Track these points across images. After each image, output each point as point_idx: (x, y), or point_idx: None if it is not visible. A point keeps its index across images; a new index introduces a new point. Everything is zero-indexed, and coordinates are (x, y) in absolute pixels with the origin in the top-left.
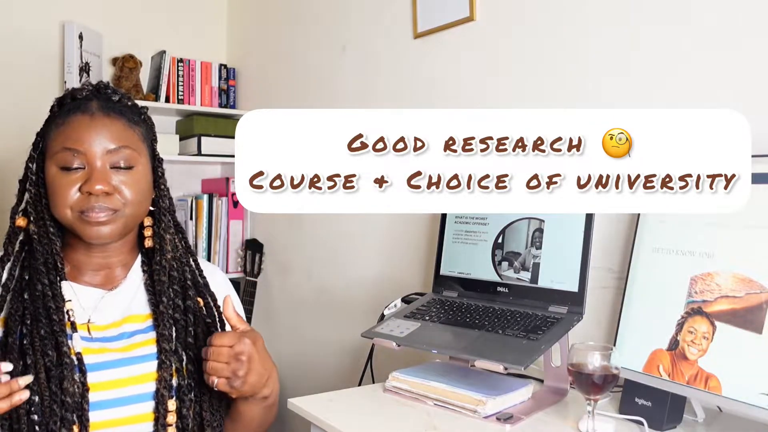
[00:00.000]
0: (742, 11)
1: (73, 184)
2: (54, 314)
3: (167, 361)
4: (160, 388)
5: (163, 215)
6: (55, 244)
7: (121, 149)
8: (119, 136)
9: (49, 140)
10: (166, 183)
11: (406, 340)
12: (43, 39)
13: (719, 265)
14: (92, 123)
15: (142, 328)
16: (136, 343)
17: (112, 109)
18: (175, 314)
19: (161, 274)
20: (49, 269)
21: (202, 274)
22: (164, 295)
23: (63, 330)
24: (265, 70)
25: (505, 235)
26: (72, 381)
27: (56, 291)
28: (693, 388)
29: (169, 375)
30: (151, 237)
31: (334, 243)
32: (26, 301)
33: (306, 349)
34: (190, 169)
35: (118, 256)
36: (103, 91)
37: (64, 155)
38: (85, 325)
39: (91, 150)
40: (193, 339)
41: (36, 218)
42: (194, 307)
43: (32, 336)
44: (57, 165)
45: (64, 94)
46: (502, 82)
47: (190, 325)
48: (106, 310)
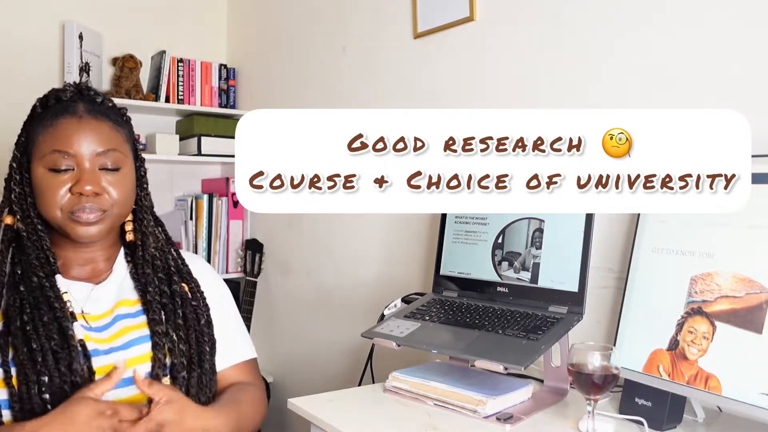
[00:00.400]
0: (742, 11)
1: (62, 185)
2: (55, 302)
3: (160, 342)
4: (155, 367)
5: (145, 213)
6: (45, 240)
7: (109, 152)
8: (107, 138)
9: (36, 141)
10: (147, 182)
11: (406, 340)
12: (43, 39)
13: (719, 265)
14: (81, 125)
15: (133, 312)
16: (128, 327)
17: (99, 112)
18: (162, 300)
19: (145, 267)
20: (42, 264)
21: (184, 263)
22: (150, 285)
23: (65, 316)
24: (265, 70)
25: (505, 235)
26: (80, 364)
27: (53, 282)
28: (693, 388)
29: (162, 355)
30: (132, 231)
31: (334, 243)
32: (23, 293)
33: (306, 349)
34: (190, 169)
35: (101, 251)
36: (86, 92)
37: (54, 157)
38: (80, 316)
39: (80, 152)
40: (183, 320)
41: (23, 216)
42: (180, 292)
43: (34, 322)
44: (46, 166)
45: (45, 94)
46: (502, 82)
47: (178, 308)
48: (98, 301)
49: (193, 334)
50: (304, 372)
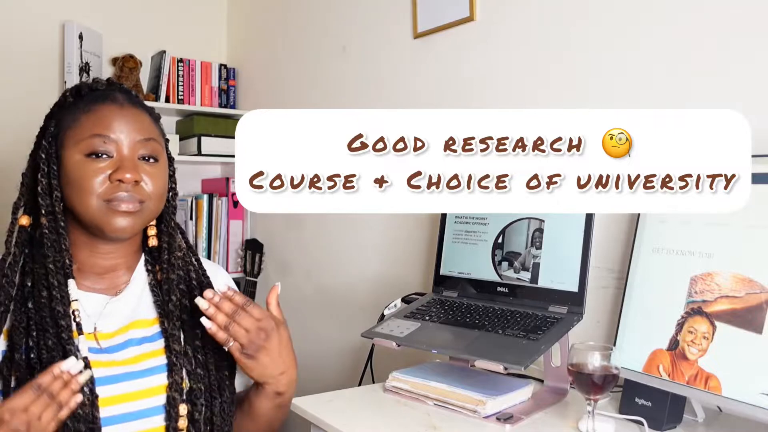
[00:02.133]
0: (742, 11)
1: (100, 172)
2: (61, 319)
3: (178, 363)
4: (171, 392)
5: (172, 214)
6: (65, 240)
7: (150, 141)
8: (147, 127)
9: (71, 128)
10: (176, 182)
11: (406, 340)
12: (43, 39)
13: (719, 265)
14: (122, 112)
15: (149, 335)
16: (144, 354)
17: (138, 103)
18: (182, 315)
19: (170, 272)
20: (57, 268)
21: (205, 274)
22: (173, 294)
23: (70, 337)
24: (265, 70)
25: (505, 235)
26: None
27: (63, 292)
28: (693, 388)
29: (180, 378)
30: (155, 236)
31: (334, 243)
32: (30, 311)
33: (306, 349)
34: (190, 169)
35: (123, 257)
36: (119, 85)
37: (93, 141)
38: (92, 335)
39: (121, 138)
40: (201, 341)
41: (47, 212)
42: None
43: (39, 348)
44: (82, 152)
45: (77, 85)
46: (502, 82)
47: (197, 327)
48: (111, 316)
49: (211, 358)
50: (303, 372)
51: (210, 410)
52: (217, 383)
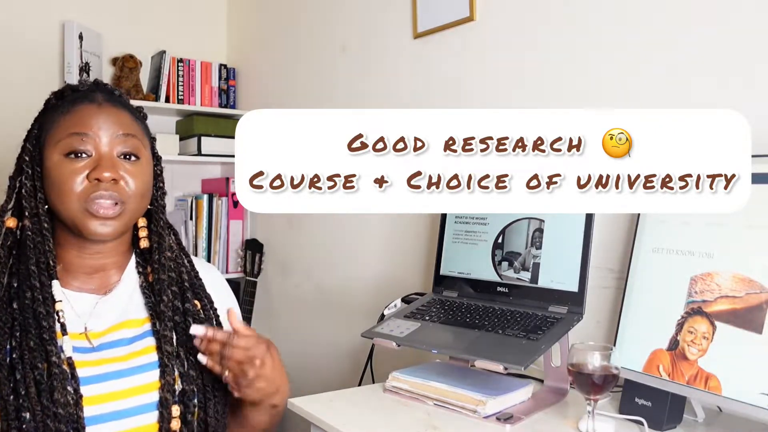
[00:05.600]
0: (741, 12)
1: (79, 172)
2: (44, 320)
3: (170, 364)
4: (163, 393)
5: (161, 213)
6: (49, 241)
7: (129, 137)
8: (127, 124)
9: (51, 129)
10: (163, 182)
11: (406, 340)
12: (43, 39)
13: (719, 265)
14: (100, 110)
15: (140, 333)
16: (135, 352)
17: (118, 102)
18: (174, 317)
19: (161, 273)
20: (40, 270)
21: (197, 276)
22: (164, 294)
23: (53, 338)
24: (265, 70)
25: (505, 235)
26: (64, 391)
27: (47, 294)
28: (693, 388)
29: (172, 379)
30: (146, 237)
31: (334, 243)
32: (15, 311)
33: (306, 349)
34: (190, 169)
35: (112, 258)
36: (102, 86)
37: (71, 140)
38: (83, 335)
39: (99, 135)
40: (193, 343)
41: (30, 214)
42: (192, 310)
43: (21, 349)
44: (61, 152)
45: (59, 89)
46: (502, 82)
47: (189, 328)
48: (102, 315)
49: None
50: (303, 372)
51: (204, 411)
52: (210, 385)
